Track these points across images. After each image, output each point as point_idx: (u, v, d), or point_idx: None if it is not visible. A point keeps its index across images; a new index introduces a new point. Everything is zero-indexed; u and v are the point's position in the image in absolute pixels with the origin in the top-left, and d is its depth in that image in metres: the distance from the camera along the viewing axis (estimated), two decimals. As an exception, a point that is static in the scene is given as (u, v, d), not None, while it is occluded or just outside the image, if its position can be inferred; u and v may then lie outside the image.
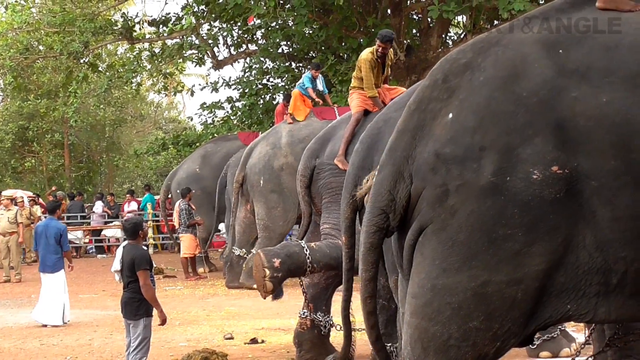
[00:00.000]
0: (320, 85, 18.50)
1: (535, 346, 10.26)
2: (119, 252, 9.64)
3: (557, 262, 5.04)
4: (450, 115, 5.26)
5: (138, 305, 9.11)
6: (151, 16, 30.25)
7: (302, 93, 17.97)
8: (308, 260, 9.65)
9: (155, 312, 9.26)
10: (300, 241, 10.14)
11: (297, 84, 19.15)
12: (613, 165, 4.96)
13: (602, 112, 5.01)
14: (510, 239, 5.03)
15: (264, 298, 9.92)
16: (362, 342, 11.38)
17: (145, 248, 9.57)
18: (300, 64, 28.61)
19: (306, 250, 9.70)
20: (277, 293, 10.36)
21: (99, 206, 30.67)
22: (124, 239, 9.72)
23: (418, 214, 5.32)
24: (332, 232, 9.96)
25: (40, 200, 30.90)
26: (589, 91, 5.07)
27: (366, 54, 10.83)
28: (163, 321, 9.31)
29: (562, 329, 10.40)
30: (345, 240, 6.99)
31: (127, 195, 32.06)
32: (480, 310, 5.13)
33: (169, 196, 23.93)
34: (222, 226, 24.19)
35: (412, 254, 5.42)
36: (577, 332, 11.03)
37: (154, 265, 10.09)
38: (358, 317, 12.44)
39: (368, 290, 5.80)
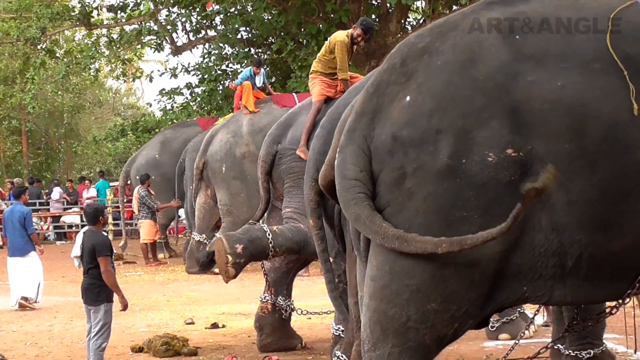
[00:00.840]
0: (260, 81, 18.60)
1: (494, 329, 10.39)
2: (79, 238, 9.61)
3: (513, 244, 5.11)
4: (408, 98, 5.29)
5: (98, 291, 9.08)
6: (109, 2, 30.04)
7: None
8: (270, 245, 9.66)
9: (116, 297, 9.26)
10: (262, 225, 10.16)
11: (239, 76, 19.35)
12: (567, 149, 5.04)
13: (557, 96, 5.09)
14: (467, 222, 5.08)
15: (227, 282, 9.94)
16: (323, 326, 11.49)
17: (105, 234, 9.55)
18: (260, 50, 28.56)
19: (268, 234, 9.71)
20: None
21: (56, 192, 30.50)
22: (82, 225, 9.72)
23: (376, 197, 5.35)
24: (294, 215, 9.99)
25: (-3, 186, 30.78)
26: (544, 76, 5.15)
27: (342, 36, 10.69)
28: (125, 307, 9.30)
29: (521, 311, 10.52)
30: (312, 222, 7.04)
31: (86, 182, 31.92)
32: (438, 292, 5.18)
33: (128, 182, 23.87)
34: (182, 212, 24.16)
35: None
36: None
37: (114, 252, 10.08)
38: (318, 302, 12.55)
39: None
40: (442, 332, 5.30)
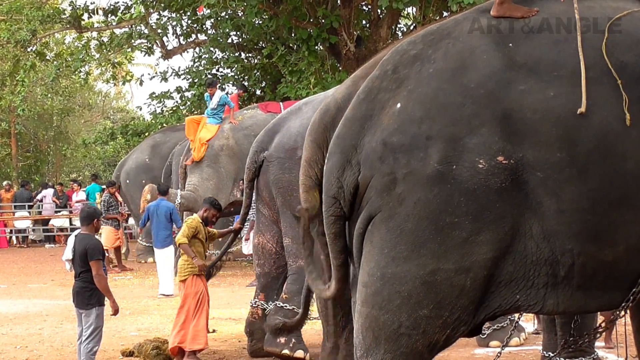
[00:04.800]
0: (214, 103, 18.65)
1: (485, 336, 10.40)
2: (71, 240, 9.59)
3: (505, 251, 5.14)
4: (399, 105, 5.33)
5: (90, 295, 9.07)
6: (100, 4, 29.94)
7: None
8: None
9: (107, 301, 9.25)
10: (278, 302, 10.20)
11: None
12: (558, 158, 5.07)
13: (548, 106, 5.12)
14: (457, 227, 5.12)
15: None
16: (314, 331, 11.49)
17: (97, 238, 9.55)
18: (250, 54, 28.54)
19: (290, 307, 10.02)
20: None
21: (49, 194, 30.47)
22: (72, 229, 9.71)
23: (367, 203, 5.38)
24: (294, 249, 9.92)
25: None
26: (536, 85, 5.18)
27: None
28: (116, 311, 9.27)
29: (512, 318, 10.54)
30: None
31: (75, 186, 31.87)
32: (430, 298, 5.20)
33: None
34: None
35: (362, 243, 5.48)
36: (526, 321, 11.19)
37: (107, 255, 10.08)
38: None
39: (339, 274, 5.74)
40: (434, 339, 5.31)
